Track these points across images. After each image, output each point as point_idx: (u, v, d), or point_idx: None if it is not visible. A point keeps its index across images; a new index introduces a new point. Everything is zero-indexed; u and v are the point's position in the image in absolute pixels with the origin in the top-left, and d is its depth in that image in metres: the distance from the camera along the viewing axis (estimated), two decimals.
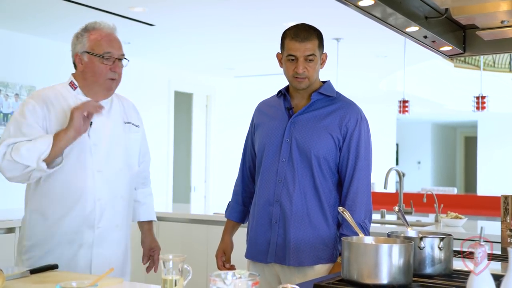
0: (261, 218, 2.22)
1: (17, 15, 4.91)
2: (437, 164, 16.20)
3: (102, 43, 2.22)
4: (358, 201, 2.13)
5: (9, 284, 1.66)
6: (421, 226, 3.76)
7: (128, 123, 2.32)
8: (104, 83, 2.22)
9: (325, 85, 2.23)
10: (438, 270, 1.83)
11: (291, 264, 2.14)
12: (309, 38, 2.14)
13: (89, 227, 2.14)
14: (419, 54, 6.28)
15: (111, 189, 2.19)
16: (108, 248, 2.19)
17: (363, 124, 2.18)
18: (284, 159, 2.17)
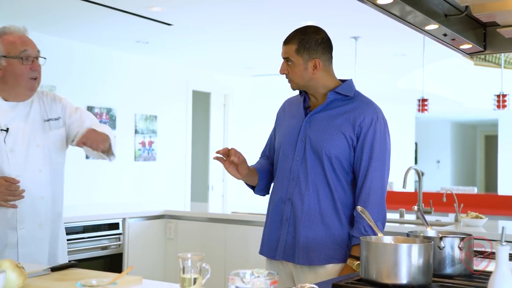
0: (273, 215, 2.24)
1: (33, 14, 4.97)
2: (457, 163, 16.04)
3: (16, 45, 2.25)
4: (370, 202, 2.10)
5: (31, 282, 1.68)
6: (441, 225, 3.73)
7: (48, 121, 2.34)
8: (26, 83, 2.26)
9: (344, 84, 2.22)
10: (458, 270, 1.82)
11: (300, 262, 2.15)
12: (288, 42, 2.18)
13: (12, 229, 2.23)
14: (438, 52, 6.22)
15: (29, 192, 2.24)
16: (33, 247, 2.28)
17: (379, 124, 2.15)
18: (298, 158, 2.18)
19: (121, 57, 6.53)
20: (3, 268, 1.58)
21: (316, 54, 2.17)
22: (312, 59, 2.16)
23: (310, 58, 2.16)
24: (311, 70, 2.17)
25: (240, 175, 2.26)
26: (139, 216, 4.34)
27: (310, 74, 2.18)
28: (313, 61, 2.17)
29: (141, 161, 6.80)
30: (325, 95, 2.20)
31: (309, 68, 2.17)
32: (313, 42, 2.16)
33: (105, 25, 5.32)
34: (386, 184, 2.16)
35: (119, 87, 6.47)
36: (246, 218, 4.13)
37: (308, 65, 2.17)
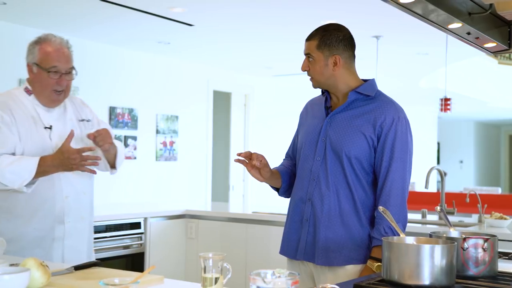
0: (294, 215, 2.24)
1: (56, 16, 5.02)
2: (480, 163, 15.84)
3: (49, 58, 2.33)
4: (390, 203, 2.08)
5: (54, 280, 1.70)
6: (464, 226, 3.68)
7: (82, 121, 2.47)
8: (49, 94, 2.35)
9: (365, 84, 2.21)
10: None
11: (319, 263, 2.14)
12: (310, 38, 2.19)
13: (59, 223, 2.33)
14: (462, 51, 6.15)
15: (75, 187, 2.37)
16: (76, 240, 2.39)
17: (400, 125, 2.12)
18: (318, 158, 2.17)
19: (143, 58, 6.57)
20: (28, 266, 1.60)
21: (336, 51, 2.16)
22: (333, 55, 2.16)
23: (330, 54, 2.16)
24: (331, 66, 2.16)
25: (263, 177, 2.26)
26: (160, 216, 4.37)
27: (330, 70, 2.17)
28: (333, 57, 2.16)
29: (162, 161, 6.84)
30: (347, 95, 2.19)
31: (329, 65, 2.16)
32: (334, 39, 2.16)
33: (127, 26, 5.36)
34: (407, 185, 2.14)
35: (141, 88, 6.51)
36: (267, 218, 4.13)
37: (329, 61, 2.16)
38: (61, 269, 1.83)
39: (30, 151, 2.29)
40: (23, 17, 5.07)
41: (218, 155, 8.07)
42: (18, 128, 2.28)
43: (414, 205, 5.69)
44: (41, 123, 2.34)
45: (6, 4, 4.61)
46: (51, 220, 2.32)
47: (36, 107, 2.36)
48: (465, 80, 9.68)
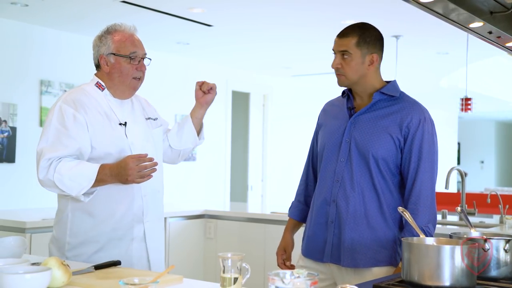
0: (318, 217, 2.21)
1: (77, 17, 5.07)
2: (502, 164, 15.65)
3: (126, 44, 2.28)
4: (421, 204, 2.07)
5: (75, 279, 1.72)
6: (485, 227, 3.64)
7: (149, 119, 2.39)
8: (130, 82, 2.29)
9: (389, 84, 2.19)
10: (504, 273, 1.77)
11: (345, 265, 2.12)
12: (347, 35, 2.15)
13: (138, 222, 2.24)
14: (483, 50, 6.08)
15: (152, 185, 2.28)
16: (157, 240, 2.31)
17: (427, 125, 2.12)
18: (342, 159, 2.16)
19: (162, 58, 6.61)
20: (49, 265, 1.62)
21: (374, 49, 2.16)
22: (371, 53, 2.15)
23: (369, 52, 2.14)
24: (367, 65, 2.15)
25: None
26: (179, 216, 4.39)
27: (365, 69, 2.15)
28: (371, 55, 2.15)
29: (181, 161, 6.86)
30: (371, 96, 2.17)
31: (365, 63, 2.14)
32: (374, 37, 2.16)
33: (147, 26, 5.39)
34: (435, 186, 2.13)
35: (160, 88, 6.55)
36: (285, 218, 4.09)
37: (366, 59, 2.14)
38: (81, 269, 1.85)
39: (106, 149, 2.19)
40: (45, 19, 5.14)
41: (236, 155, 8.08)
42: (91, 128, 2.18)
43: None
44: (116, 119, 2.25)
45: (28, 6, 4.66)
46: (129, 219, 2.22)
47: (109, 103, 2.27)
48: (486, 80, 9.57)
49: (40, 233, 3.55)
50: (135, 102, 2.39)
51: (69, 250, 2.21)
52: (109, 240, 2.20)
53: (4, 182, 5.06)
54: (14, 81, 5.20)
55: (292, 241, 2.40)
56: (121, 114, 2.28)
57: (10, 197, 5.04)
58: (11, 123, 5.13)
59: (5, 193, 5.04)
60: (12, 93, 5.17)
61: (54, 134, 2.16)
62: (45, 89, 5.38)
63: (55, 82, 5.45)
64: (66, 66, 5.52)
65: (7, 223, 3.66)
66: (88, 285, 1.68)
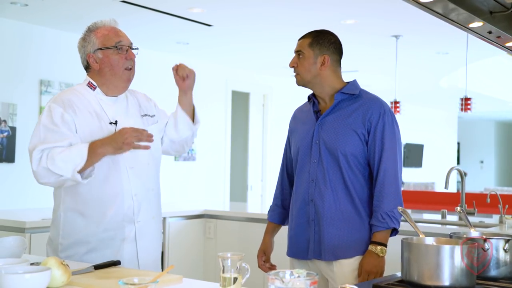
0: (299, 218, 2.32)
1: (76, 17, 5.07)
2: (501, 164, 15.65)
3: (110, 36, 2.28)
4: (385, 191, 2.19)
5: (75, 279, 1.72)
6: (485, 227, 3.64)
7: (145, 116, 2.37)
8: (122, 74, 2.28)
9: (348, 84, 2.32)
10: (503, 273, 1.78)
11: (327, 258, 2.24)
12: (304, 37, 2.36)
13: (129, 222, 2.22)
14: (483, 50, 6.08)
15: (143, 184, 2.27)
16: (149, 241, 2.28)
17: (387, 117, 2.24)
18: (314, 160, 2.28)
19: (162, 58, 6.61)
20: (49, 265, 1.62)
21: (326, 51, 2.29)
22: (322, 55, 2.28)
23: (320, 53, 2.28)
24: (319, 65, 2.28)
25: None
26: (179, 216, 4.39)
27: (318, 69, 2.29)
28: (322, 57, 2.28)
29: (181, 161, 6.87)
30: (333, 97, 2.30)
31: (317, 63, 2.28)
32: (326, 40, 2.31)
33: (147, 26, 5.39)
34: (400, 173, 2.25)
35: (160, 88, 6.54)
36: None
37: (318, 59, 2.28)
38: (81, 268, 1.85)
39: None
40: (44, 19, 5.14)
41: (236, 155, 8.08)
42: (80, 128, 2.18)
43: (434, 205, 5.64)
44: (107, 119, 2.23)
45: (28, 5, 4.67)
46: (120, 219, 2.20)
47: (100, 102, 2.26)
48: (486, 80, 9.57)
49: (39, 233, 3.55)
50: (131, 99, 2.37)
51: (61, 251, 2.20)
52: (101, 241, 2.19)
53: (3, 182, 5.06)
54: (14, 81, 5.20)
55: (271, 244, 2.54)
56: (113, 112, 2.26)
57: (10, 197, 5.04)
58: (11, 123, 5.13)
59: (4, 193, 5.04)
60: (11, 93, 5.17)
61: (44, 132, 2.16)
62: (44, 89, 5.38)
63: (54, 82, 5.45)
64: (65, 66, 5.51)
65: (7, 223, 3.66)
66: (87, 285, 1.68)
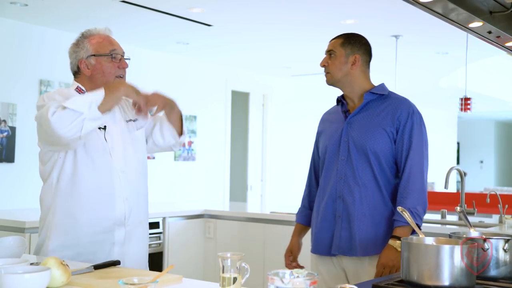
0: (325, 214, 2.36)
1: (76, 17, 5.07)
2: (501, 163, 15.65)
3: (105, 44, 2.28)
4: (410, 188, 2.25)
5: (74, 279, 1.72)
6: (484, 227, 3.65)
7: (129, 121, 2.35)
8: (113, 82, 2.27)
9: (378, 86, 2.39)
10: (503, 273, 1.78)
11: (359, 254, 2.28)
12: (336, 37, 2.41)
13: (119, 226, 2.22)
14: (482, 50, 6.08)
15: (134, 188, 2.27)
16: (135, 244, 2.28)
17: (415, 117, 2.30)
18: (343, 157, 2.33)
19: (162, 58, 6.61)
20: (48, 265, 1.62)
21: (358, 51, 2.37)
22: (353, 54, 2.35)
23: (352, 53, 2.36)
24: (350, 65, 2.35)
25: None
26: (179, 216, 4.39)
27: (348, 68, 2.35)
28: (353, 56, 2.35)
29: (180, 161, 6.86)
30: (361, 97, 2.36)
31: (348, 62, 2.35)
32: (358, 41, 2.39)
33: (146, 26, 5.39)
34: (426, 172, 2.30)
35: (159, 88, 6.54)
36: (285, 218, 4.13)
37: (349, 59, 2.35)
38: (81, 268, 1.85)
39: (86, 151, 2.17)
40: (44, 19, 5.13)
41: (236, 155, 8.08)
42: None
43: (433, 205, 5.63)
44: None
45: (28, 5, 4.66)
46: (111, 223, 2.19)
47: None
48: (486, 80, 9.57)
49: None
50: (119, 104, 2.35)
51: (50, 252, 2.16)
52: (90, 244, 2.18)
53: (3, 182, 5.06)
54: (14, 80, 5.20)
55: (299, 244, 2.54)
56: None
57: (10, 197, 5.03)
58: (11, 122, 5.13)
59: (4, 193, 5.04)
60: (11, 93, 5.16)
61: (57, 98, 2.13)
62: (44, 88, 5.38)
63: (54, 81, 5.45)
64: (65, 66, 5.47)
65: (7, 223, 3.66)
66: (87, 285, 1.68)
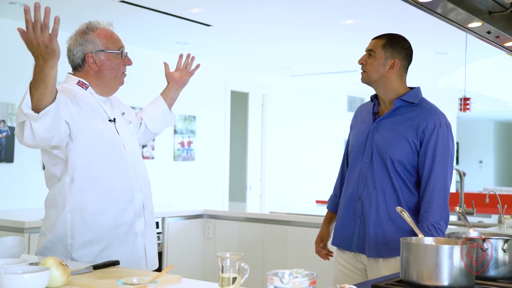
0: (346, 212, 2.39)
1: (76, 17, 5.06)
2: (500, 163, 15.66)
3: (113, 40, 2.25)
4: (433, 203, 2.23)
5: (74, 279, 1.72)
6: (484, 227, 3.65)
7: (123, 114, 2.37)
8: (120, 77, 2.28)
9: (411, 91, 2.37)
10: (502, 273, 1.78)
11: (370, 255, 2.30)
12: (379, 37, 2.37)
13: (140, 216, 2.22)
14: (482, 50, 6.08)
15: (145, 178, 2.29)
16: (152, 233, 2.30)
17: (442, 130, 2.27)
18: (366, 160, 2.34)
19: (161, 58, 6.59)
20: (48, 265, 1.62)
21: (398, 56, 2.33)
22: (393, 58, 2.32)
23: (392, 56, 2.32)
24: (388, 68, 2.32)
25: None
26: (178, 216, 4.39)
27: (385, 71, 2.32)
28: (393, 60, 2.32)
29: (180, 161, 6.86)
30: (393, 102, 2.33)
31: (387, 65, 2.32)
32: (400, 45, 2.35)
33: (146, 26, 5.39)
34: (449, 186, 2.28)
35: (159, 88, 6.54)
36: (284, 218, 4.13)
37: (388, 62, 2.32)
38: (80, 268, 1.85)
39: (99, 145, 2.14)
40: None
41: (235, 155, 8.08)
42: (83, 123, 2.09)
43: None
44: (106, 116, 2.20)
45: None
46: (132, 214, 2.19)
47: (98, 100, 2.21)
48: (485, 80, 9.58)
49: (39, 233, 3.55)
50: (110, 99, 2.34)
51: (73, 251, 2.13)
52: (115, 237, 2.16)
53: (2, 182, 5.05)
54: (13, 80, 5.19)
55: (328, 231, 2.59)
56: (109, 111, 2.25)
57: (9, 197, 5.03)
58: (10, 123, 5.13)
59: (3, 193, 5.03)
60: (10, 93, 5.16)
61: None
62: None
63: None
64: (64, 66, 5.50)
65: (6, 223, 3.66)
66: (86, 285, 1.68)
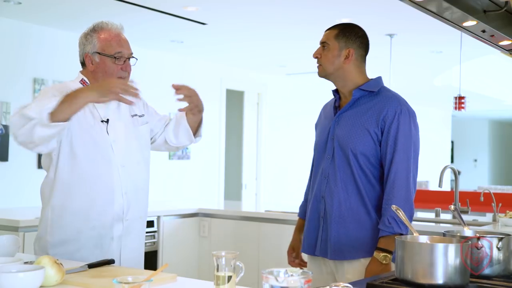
0: (311, 214, 2.29)
1: (71, 16, 5.06)
2: (495, 162, 15.71)
3: (112, 43, 2.24)
4: (394, 195, 2.11)
5: (69, 278, 1.72)
6: (478, 225, 3.66)
7: (135, 116, 2.34)
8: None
9: (371, 81, 2.25)
10: (496, 271, 1.78)
11: (332, 258, 2.19)
12: (330, 28, 2.27)
13: (118, 221, 2.21)
14: (476, 49, 6.10)
15: (134, 183, 2.25)
16: (133, 240, 2.27)
17: (403, 117, 2.15)
18: (328, 156, 2.24)
19: (156, 56, 6.59)
20: (43, 264, 1.61)
21: (352, 45, 2.23)
22: (347, 48, 2.22)
23: (345, 46, 2.22)
24: (343, 58, 2.22)
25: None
26: (173, 214, 4.38)
27: (341, 62, 2.22)
28: (347, 50, 2.22)
29: (175, 159, 6.86)
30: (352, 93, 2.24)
31: (341, 56, 2.22)
32: (353, 34, 2.24)
33: (141, 24, 5.38)
34: (413, 176, 2.16)
35: (154, 86, 6.54)
36: (280, 217, 4.13)
37: (342, 52, 2.22)
38: (75, 267, 1.84)
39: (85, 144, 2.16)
40: (39, 17, 5.12)
41: (230, 153, 8.07)
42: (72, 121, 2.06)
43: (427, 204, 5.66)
44: (98, 116, 2.21)
45: (22, 3, 4.64)
46: (110, 218, 2.18)
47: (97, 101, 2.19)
48: (480, 78, 9.60)
49: (33, 232, 3.49)
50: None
51: (50, 248, 2.16)
52: (90, 239, 2.16)
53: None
54: (8, 79, 5.18)
55: (300, 240, 2.43)
56: (104, 111, 2.24)
57: (3, 196, 5.01)
58: (4, 121, 5.11)
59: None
60: (5, 91, 5.14)
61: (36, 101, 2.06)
62: (38, 87, 5.36)
63: (48, 80, 5.43)
64: (59, 64, 5.50)
65: (1, 222, 3.64)
66: (81, 284, 1.68)
